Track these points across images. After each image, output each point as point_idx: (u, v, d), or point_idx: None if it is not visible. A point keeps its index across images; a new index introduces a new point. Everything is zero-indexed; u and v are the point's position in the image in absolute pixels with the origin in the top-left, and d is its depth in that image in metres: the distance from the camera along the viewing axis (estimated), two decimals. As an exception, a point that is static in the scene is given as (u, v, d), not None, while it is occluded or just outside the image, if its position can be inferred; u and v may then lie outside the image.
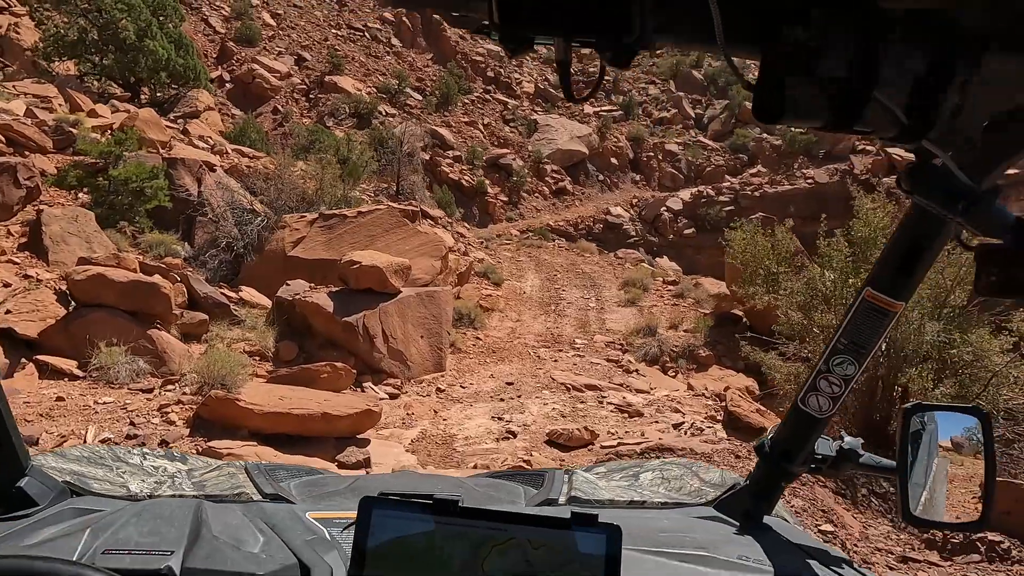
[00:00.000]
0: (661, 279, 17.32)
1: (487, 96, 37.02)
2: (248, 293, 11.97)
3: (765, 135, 36.58)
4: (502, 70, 37.97)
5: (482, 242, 21.08)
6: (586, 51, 0.75)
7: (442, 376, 10.81)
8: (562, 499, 1.52)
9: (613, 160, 36.02)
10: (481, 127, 35.53)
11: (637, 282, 16.19)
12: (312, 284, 11.00)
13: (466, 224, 24.96)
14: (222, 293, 11.72)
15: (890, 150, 35.00)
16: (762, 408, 9.95)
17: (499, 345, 12.64)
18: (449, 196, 29.44)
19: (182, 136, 16.95)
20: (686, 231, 34.05)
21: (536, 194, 33.87)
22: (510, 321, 14.22)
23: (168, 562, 1.03)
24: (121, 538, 1.08)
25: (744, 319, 14.32)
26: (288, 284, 10.96)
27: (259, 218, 13.34)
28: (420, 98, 35.44)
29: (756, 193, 34.71)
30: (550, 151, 34.68)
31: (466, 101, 36.31)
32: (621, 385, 10.97)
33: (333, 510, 1.34)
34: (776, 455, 1.42)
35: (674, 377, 12.47)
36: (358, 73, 36.06)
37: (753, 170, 35.87)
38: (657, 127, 37.15)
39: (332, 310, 10.05)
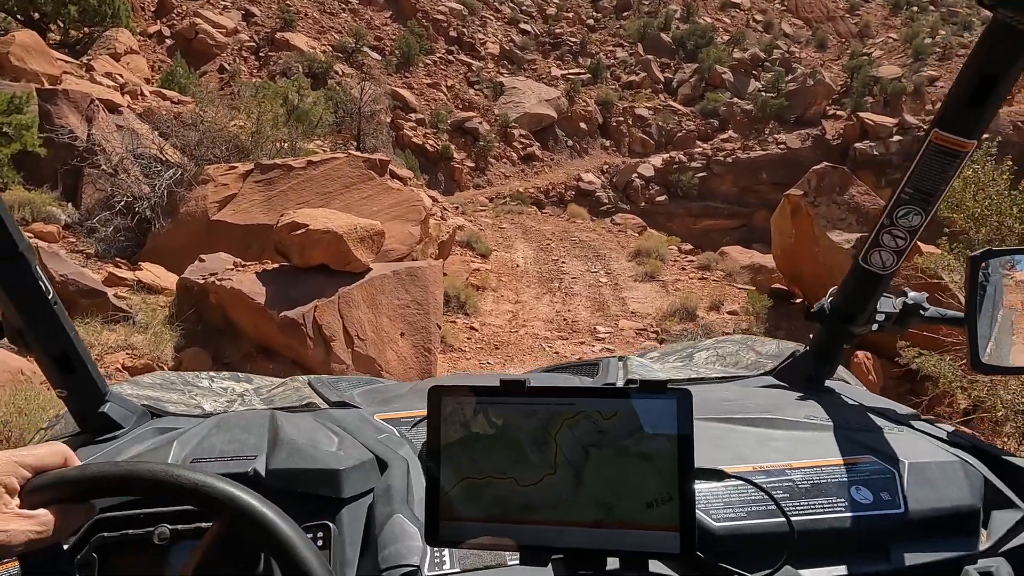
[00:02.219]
0: (676, 247, 13.61)
1: (450, 57, 32.55)
2: (151, 273, 7.80)
3: (736, 99, 33.17)
4: (465, 30, 33.48)
5: (457, 208, 17.06)
6: (551, 11, 0.44)
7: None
8: (619, 383, 1.38)
9: (582, 125, 32.13)
10: (445, 89, 31.16)
11: (652, 252, 12.46)
12: (238, 260, 6.94)
13: (431, 189, 20.92)
14: (109, 274, 7.54)
15: (863, 115, 31.99)
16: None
17: (501, 337, 8.79)
18: (413, 161, 25.19)
19: (83, 73, 12.42)
20: (658, 198, 30.52)
21: (504, 160, 29.81)
22: (508, 303, 10.35)
23: (253, 465, 0.99)
24: (206, 447, 1.05)
25: (800, 297, 10.73)
26: (202, 260, 6.87)
27: (171, 169, 9.09)
28: (379, 58, 30.82)
29: (728, 159, 31.32)
30: (518, 115, 30.57)
31: (428, 62, 31.81)
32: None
33: (398, 411, 1.26)
34: (838, 317, 1.24)
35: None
36: (311, 30, 31.18)
37: (724, 135, 32.46)
38: (626, 91, 33.32)
39: (264, 300, 6.03)
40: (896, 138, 30.54)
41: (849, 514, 0.95)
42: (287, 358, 6.13)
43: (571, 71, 33.64)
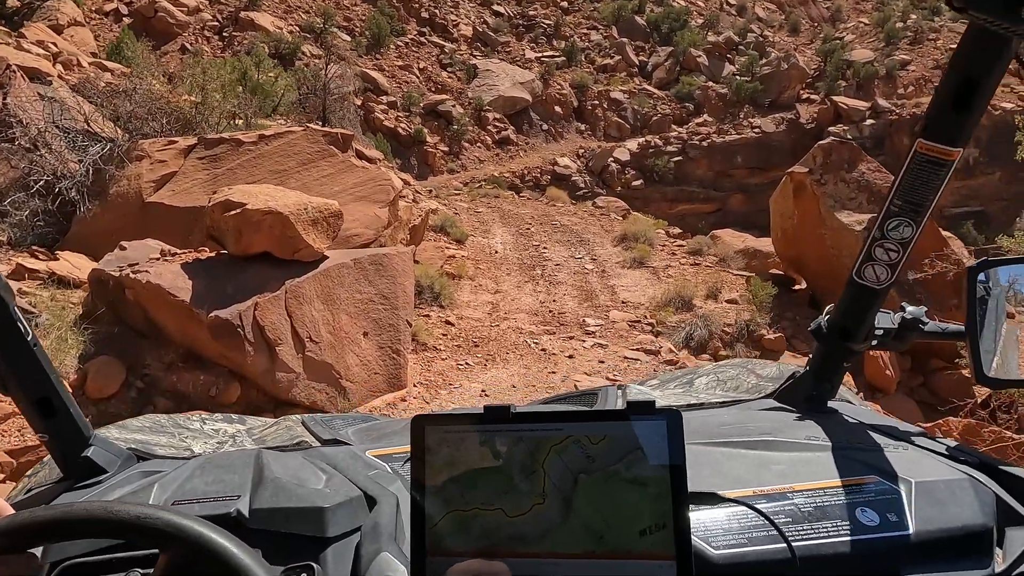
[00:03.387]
0: (664, 231, 12.51)
1: (422, 39, 31.03)
2: (68, 263, 6.48)
3: (711, 83, 32.23)
4: (437, 11, 31.95)
5: (431, 191, 15.81)
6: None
7: (403, 399, 5.76)
8: None
9: (557, 108, 30.92)
10: (417, 71, 29.68)
11: (639, 236, 11.35)
12: (168, 248, 5.66)
13: (404, 173, 19.59)
14: (18, 265, 6.20)
15: (836, 99, 31.24)
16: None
17: (481, 332, 7.62)
18: (385, 145, 23.76)
19: (9, 40, 10.86)
20: (634, 183, 29.54)
21: (478, 144, 28.50)
22: (487, 293, 9.17)
23: (236, 506, 0.93)
24: (188, 489, 0.98)
25: (801, 284, 9.72)
26: (123, 247, 5.57)
27: (99, 144, 7.70)
28: (348, 39, 29.20)
29: (704, 143, 30.43)
30: (492, 98, 29.27)
31: (399, 44, 30.27)
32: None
33: (391, 446, 1.17)
34: (835, 335, 1.17)
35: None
36: (278, 10, 29.43)
37: (700, 119, 31.52)
38: (601, 74, 32.15)
39: (190, 296, 4.78)
40: (869, 122, 29.95)
41: (855, 537, 0.87)
42: (222, 367, 4.90)
43: (545, 54, 32.38)
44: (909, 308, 1.17)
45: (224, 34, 27.61)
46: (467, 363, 6.73)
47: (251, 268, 5.04)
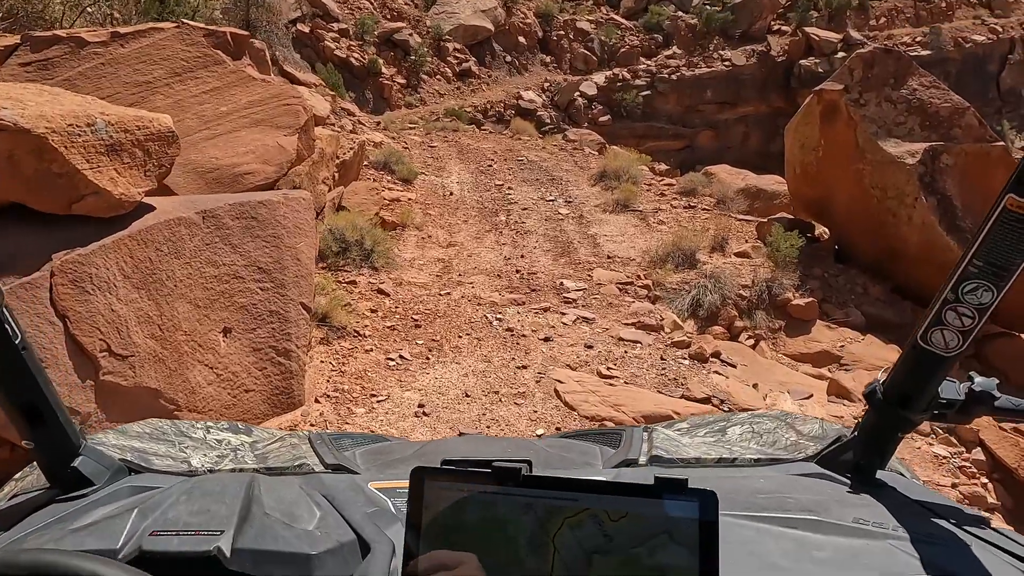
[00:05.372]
0: (648, 168, 10.22)
1: (375, -40, 27.30)
2: None
3: (680, 13, 29.38)
4: (391, -70, 28.06)
5: (378, 124, 13.16)
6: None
7: (294, 427, 3.56)
8: (642, 459, 1.11)
9: (521, 39, 27.90)
10: (370, -4, 26.18)
11: (621, 174, 9.05)
12: None
13: (358, 107, 16.77)
14: None
15: (808, 30, 28.74)
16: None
17: (425, 305, 5.35)
18: (337, 77, 20.67)
19: None
20: (601, 118, 27.01)
21: (438, 76, 25.45)
22: (438, 247, 6.84)
23: (218, 543, 0.78)
24: (170, 518, 0.84)
25: (823, 231, 7.59)
26: None
27: None
28: (294, -41, 25.38)
29: (673, 76, 27.87)
30: (452, 26, 26.12)
31: (351, -35, 26.55)
32: (714, 402, 4.16)
33: (398, 479, 1.00)
34: (892, 401, 0.96)
35: (753, 348, 5.69)
36: (214, -76, 25.31)
37: (669, 52, 28.84)
38: (567, 2, 29.04)
39: None
40: (840, 54, 27.58)
41: None
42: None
43: (508, -20, 28.91)
44: (978, 379, 0.94)
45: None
46: (401, 356, 4.48)
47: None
